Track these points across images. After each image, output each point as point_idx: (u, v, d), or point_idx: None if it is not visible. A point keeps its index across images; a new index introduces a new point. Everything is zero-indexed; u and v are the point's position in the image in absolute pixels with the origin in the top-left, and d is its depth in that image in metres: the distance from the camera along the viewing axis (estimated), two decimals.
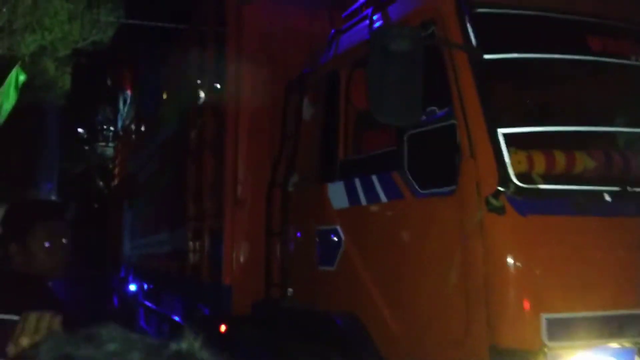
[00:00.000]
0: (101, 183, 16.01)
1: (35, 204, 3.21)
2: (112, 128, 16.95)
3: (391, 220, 3.44)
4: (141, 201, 9.59)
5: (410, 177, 3.27)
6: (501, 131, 2.88)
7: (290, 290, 4.40)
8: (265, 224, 4.75)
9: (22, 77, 9.75)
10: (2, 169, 14.83)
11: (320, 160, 4.29)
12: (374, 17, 3.83)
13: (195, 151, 6.36)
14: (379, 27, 2.94)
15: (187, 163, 6.48)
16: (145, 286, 9.14)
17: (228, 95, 5.33)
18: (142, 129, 10.27)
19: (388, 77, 2.76)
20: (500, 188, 2.76)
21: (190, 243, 6.32)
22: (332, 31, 4.43)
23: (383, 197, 3.49)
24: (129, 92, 13.00)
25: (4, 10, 12.17)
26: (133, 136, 11.28)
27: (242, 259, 5.10)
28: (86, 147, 18.57)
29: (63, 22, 12.96)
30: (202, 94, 6.46)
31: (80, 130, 19.39)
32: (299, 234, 4.40)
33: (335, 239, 3.94)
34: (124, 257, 11.01)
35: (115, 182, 13.27)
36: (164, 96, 8.23)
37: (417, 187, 3.23)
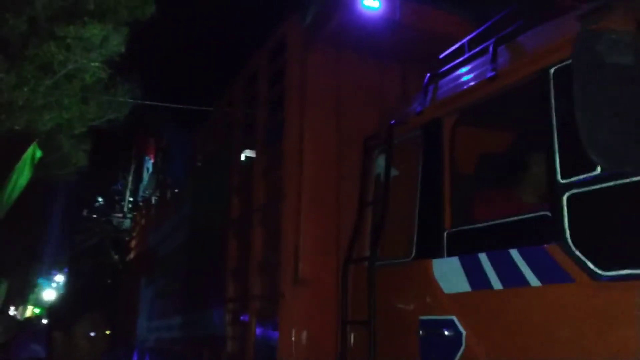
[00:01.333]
0: (116, 257, 15.11)
1: (83, 295, 2.70)
2: (130, 198, 16.22)
3: (552, 311, 2.50)
4: (163, 278, 8.64)
5: (580, 253, 2.38)
6: None
7: None
8: (340, 311, 3.81)
9: (38, 154, 9.77)
10: (11, 243, 14.48)
11: (419, 231, 3.41)
12: (497, 49, 3.06)
13: (239, 221, 5.51)
14: (588, 33, 2.16)
15: (227, 235, 5.61)
16: None
17: (287, 156, 4.52)
18: (167, 197, 9.48)
19: (604, 101, 1.95)
20: None
21: (229, 328, 5.34)
22: (427, 75, 3.66)
23: (533, 279, 2.57)
24: (151, 161, 12.36)
25: (25, 89, 12.39)
26: (155, 206, 10.48)
27: (303, 351, 4.13)
28: (102, 219, 17.76)
29: (81, 101, 13.31)
30: (246, 155, 5.68)
31: (99, 199, 18.70)
32: (392, 324, 3.45)
33: (450, 333, 2.99)
34: (138, 340, 9.92)
35: (132, 256, 12.34)
36: (197, 162, 7.48)
37: (594, 267, 2.33)
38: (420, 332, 3.20)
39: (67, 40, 12.14)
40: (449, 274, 3.09)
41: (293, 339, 4.14)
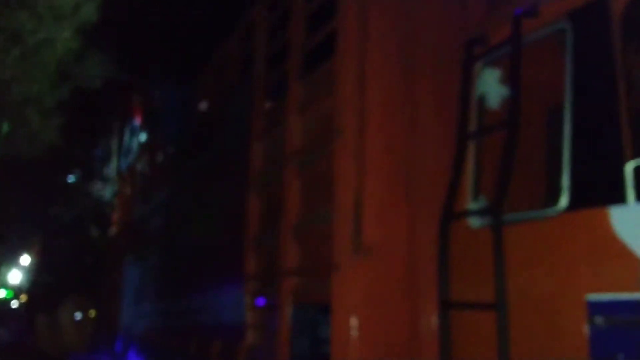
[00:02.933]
0: (97, 232, 13.73)
1: (68, 276, 1.83)
2: (113, 166, 14.73)
3: None
4: (156, 255, 7.40)
5: None
6: None
7: None
8: (439, 289, 2.65)
9: (5, 127, 8.82)
10: None
11: (575, 167, 2.25)
12: None
13: (264, 175, 4.32)
14: None
15: (246, 195, 4.41)
16: None
17: (341, 80, 3.32)
18: (161, 161, 8.21)
19: None
20: None
21: (251, 314, 4.17)
22: None
23: None
24: (138, 123, 11.01)
25: None
26: (143, 173, 9.21)
27: (367, 343, 2.96)
28: (81, 190, 16.13)
29: (51, 74, 12.58)
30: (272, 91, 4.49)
31: (70, 176, 17.07)
32: (533, 308, 2.28)
33: None
34: (123, 327, 8.70)
35: (115, 231, 11.07)
36: (201, 113, 6.24)
37: None
38: (592, 319, 2.05)
39: (37, 8, 11.32)
40: None
41: (353, 326, 2.96)
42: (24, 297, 27.00)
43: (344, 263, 3.04)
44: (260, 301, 4.17)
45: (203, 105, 6.73)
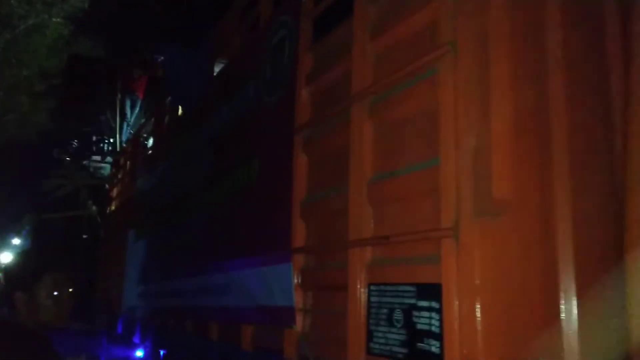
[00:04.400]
0: (94, 208, 12.80)
1: (43, 252, 2.62)
2: (111, 140, 13.78)
3: None
4: (163, 229, 6.55)
5: None
6: None
7: None
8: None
9: None
10: None
11: None
12: None
13: (325, 125, 3.49)
14: None
15: (294, 152, 3.58)
16: (168, 356, 6.04)
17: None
18: (170, 127, 7.35)
19: None
20: None
21: (300, 293, 3.35)
22: None
23: None
24: (139, 96, 10.21)
25: None
26: (147, 143, 8.35)
27: (499, 331, 2.15)
28: (76, 164, 15.05)
29: (41, 57, 12.86)
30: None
31: (73, 141, 15.99)
32: None
33: None
34: (126, 307, 7.87)
35: (114, 206, 10.20)
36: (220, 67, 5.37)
37: None
38: None
39: None
40: None
41: (474, 312, 2.15)
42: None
43: (464, 227, 2.22)
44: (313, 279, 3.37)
45: (220, 63, 5.89)
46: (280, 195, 3.61)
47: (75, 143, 15.76)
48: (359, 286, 2.80)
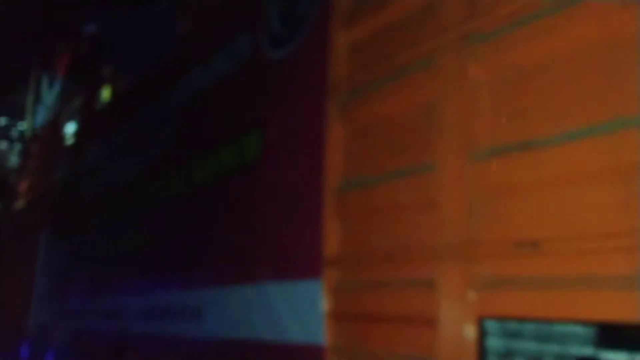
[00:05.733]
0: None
1: None
2: (23, 126, 11.83)
3: None
4: (91, 230, 5.24)
5: None
6: None
7: None
8: None
9: None
10: None
11: None
12: None
13: (377, 83, 2.45)
14: None
15: (326, 122, 2.52)
16: None
17: None
18: (112, 103, 6.05)
19: None
20: None
21: (333, 324, 2.27)
22: None
23: None
24: (60, 75, 8.71)
25: None
26: (70, 128, 6.98)
27: None
28: None
29: None
30: None
31: None
32: None
33: None
34: (34, 327, 6.40)
35: (21, 203, 8.60)
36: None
37: None
38: None
39: None
40: None
41: None
42: None
43: None
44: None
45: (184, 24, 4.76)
46: (302, 179, 2.54)
47: None
48: (458, 321, 1.78)
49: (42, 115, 9.03)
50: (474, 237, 1.80)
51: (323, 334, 2.28)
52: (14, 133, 12.57)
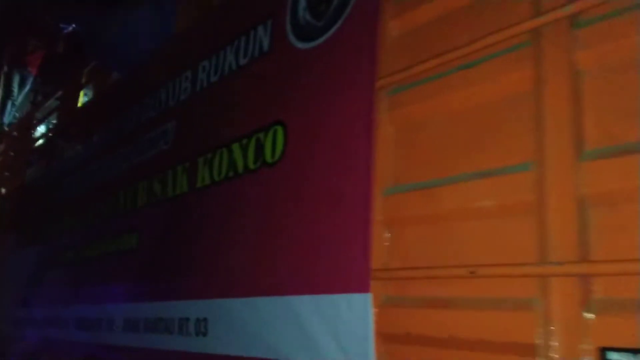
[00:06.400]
0: None
1: None
2: None
3: None
4: (68, 232, 4.81)
5: None
6: None
7: None
8: None
9: None
10: None
11: None
12: None
13: (436, 69, 2.16)
14: None
15: (373, 116, 2.21)
16: None
17: None
18: (96, 101, 5.65)
19: None
20: None
21: (386, 348, 1.95)
22: None
23: None
24: (31, 73, 8.27)
25: None
26: (43, 127, 6.54)
27: None
28: None
29: None
30: None
31: None
32: None
33: None
34: None
35: None
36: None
37: None
38: None
39: None
40: None
41: None
42: None
43: None
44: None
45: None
46: (345, 179, 2.22)
47: None
48: (568, 350, 1.48)
49: (11, 113, 8.51)
50: (588, 250, 1.52)
51: (371, 357, 1.96)
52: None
